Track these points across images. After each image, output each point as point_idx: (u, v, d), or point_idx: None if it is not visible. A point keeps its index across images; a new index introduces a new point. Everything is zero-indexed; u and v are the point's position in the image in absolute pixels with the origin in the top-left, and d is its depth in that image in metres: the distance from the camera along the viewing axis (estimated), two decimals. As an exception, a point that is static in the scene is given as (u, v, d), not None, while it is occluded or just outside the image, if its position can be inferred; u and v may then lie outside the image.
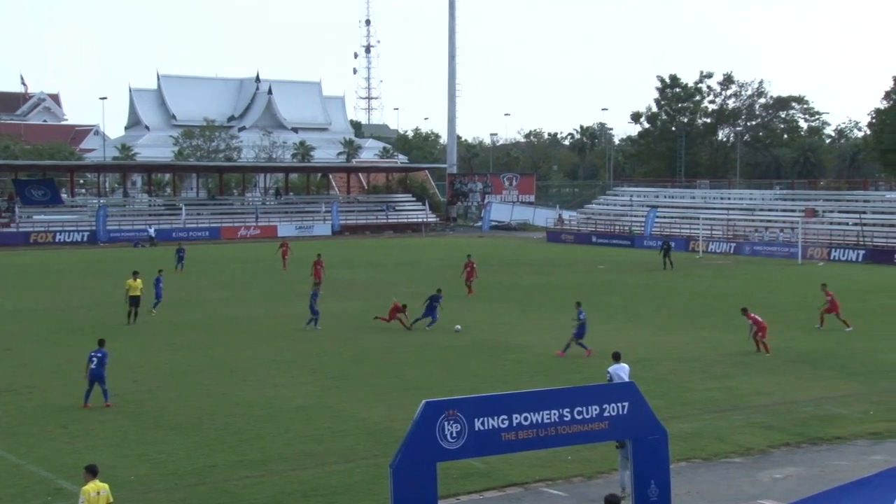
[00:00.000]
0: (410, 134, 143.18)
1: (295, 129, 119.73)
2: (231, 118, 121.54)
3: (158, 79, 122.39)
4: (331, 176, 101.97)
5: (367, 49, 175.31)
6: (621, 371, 18.15)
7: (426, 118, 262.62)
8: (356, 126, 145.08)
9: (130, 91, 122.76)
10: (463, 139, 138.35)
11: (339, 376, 23.49)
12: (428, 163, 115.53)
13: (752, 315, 26.54)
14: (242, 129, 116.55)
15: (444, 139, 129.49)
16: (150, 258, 52.59)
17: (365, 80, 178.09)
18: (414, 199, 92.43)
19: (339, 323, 31.96)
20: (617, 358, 18.56)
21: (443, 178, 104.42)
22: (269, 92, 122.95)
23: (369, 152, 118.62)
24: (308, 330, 30.16)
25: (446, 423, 11.64)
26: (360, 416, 19.54)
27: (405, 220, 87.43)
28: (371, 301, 37.27)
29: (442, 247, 69.54)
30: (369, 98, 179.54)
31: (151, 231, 71.48)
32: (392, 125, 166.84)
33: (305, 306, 31.55)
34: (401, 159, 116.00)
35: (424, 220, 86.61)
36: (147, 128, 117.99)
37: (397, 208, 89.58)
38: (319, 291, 32.22)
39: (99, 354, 20.06)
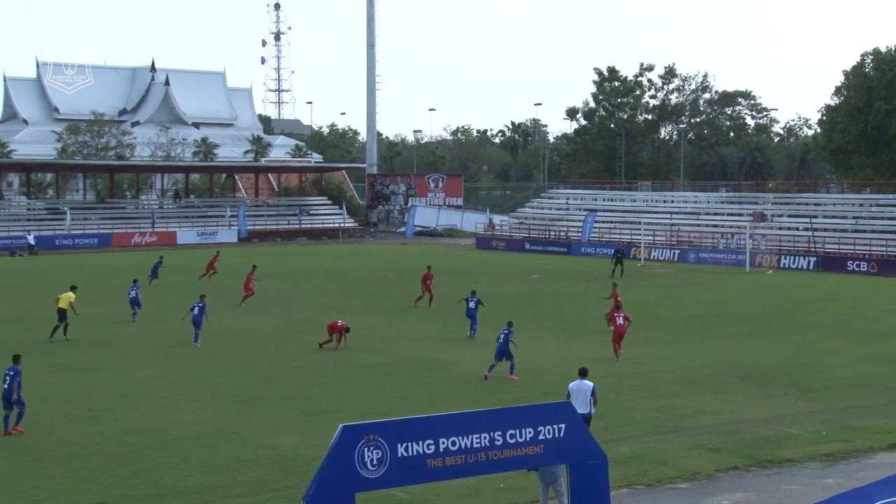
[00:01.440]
0: (326, 130, 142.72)
1: (196, 125, 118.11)
2: (123, 112, 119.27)
3: (38, 66, 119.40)
4: (237, 176, 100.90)
5: (277, 36, 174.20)
6: (581, 389, 18.25)
7: (343, 113, 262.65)
8: (265, 121, 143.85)
9: (5, 80, 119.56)
10: (384, 136, 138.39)
11: (245, 399, 23.20)
12: (345, 162, 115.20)
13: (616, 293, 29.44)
14: (136, 124, 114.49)
15: (363, 136, 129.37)
16: (28, 269, 51.36)
17: (274, 71, 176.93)
18: (330, 202, 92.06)
19: (246, 340, 31.62)
20: (583, 374, 18.70)
21: (362, 179, 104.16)
22: (167, 83, 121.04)
23: (280, 150, 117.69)
24: (195, 346, 30.25)
25: (366, 449, 11.58)
26: (270, 443, 19.32)
27: (320, 226, 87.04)
28: (282, 316, 37.00)
29: (362, 255, 69.35)
30: (279, 90, 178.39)
31: (31, 238, 69.79)
32: (305, 120, 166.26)
33: (212, 321, 31.17)
34: (315, 158, 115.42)
35: (342, 225, 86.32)
36: (25, 121, 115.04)
37: (311, 212, 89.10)
38: (206, 304, 31.36)
39: (11, 373, 19.86)
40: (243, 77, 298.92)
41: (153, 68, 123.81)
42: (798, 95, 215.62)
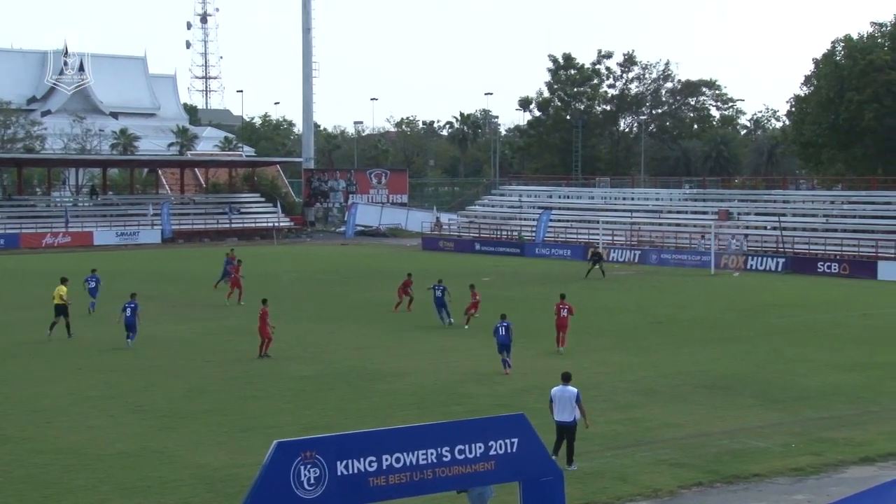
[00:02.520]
0: (258, 121, 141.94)
1: (114, 115, 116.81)
2: (32, 100, 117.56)
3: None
4: (160, 171, 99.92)
5: (203, 18, 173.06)
6: (565, 396, 18.53)
7: (277, 103, 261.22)
8: (191, 111, 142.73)
9: None
10: (322, 128, 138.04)
11: (169, 414, 23.01)
12: (279, 156, 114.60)
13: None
14: (47, 113, 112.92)
15: (298, 128, 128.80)
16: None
17: (201, 56, 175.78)
18: (263, 199, 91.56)
19: (170, 349, 31.36)
20: (566, 379, 18.90)
21: (298, 174, 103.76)
22: (81, 69, 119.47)
23: (208, 143, 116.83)
24: (129, 347, 30.82)
25: (302, 467, 11.55)
26: (197, 461, 19.18)
27: (252, 225, 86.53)
28: (209, 323, 36.74)
29: (298, 256, 69.03)
30: (207, 78, 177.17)
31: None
32: (236, 111, 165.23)
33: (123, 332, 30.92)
34: (247, 152, 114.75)
35: (276, 224, 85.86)
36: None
37: (243, 210, 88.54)
38: (138, 303, 31.91)
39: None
40: (166, 63, 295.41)
41: (66, 52, 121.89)
42: (766, 85, 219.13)
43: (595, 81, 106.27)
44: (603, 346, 31.79)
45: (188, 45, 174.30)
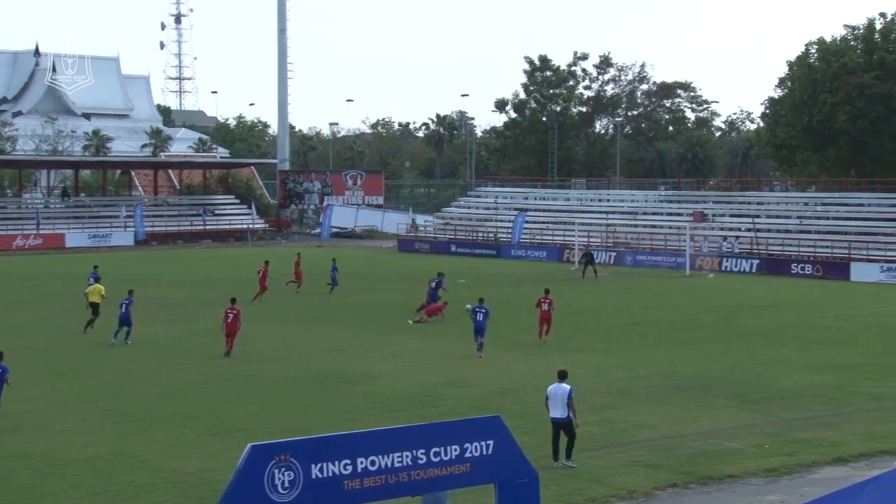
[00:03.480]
0: (233, 122, 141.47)
1: (87, 116, 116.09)
2: (3, 101, 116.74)
3: None
4: (133, 173, 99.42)
5: (177, 19, 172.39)
6: (558, 393, 18.86)
7: (252, 104, 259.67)
8: (165, 112, 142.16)
9: None
10: (297, 129, 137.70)
11: (143, 418, 22.91)
12: (254, 157, 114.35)
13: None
14: (18, 114, 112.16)
15: (273, 129, 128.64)
16: None
17: (175, 57, 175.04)
18: (238, 201, 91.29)
19: (144, 352, 31.22)
20: (561, 377, 19.20)
21: (273, 175, 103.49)
22: (53, 69, 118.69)
23: (182, 144, 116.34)
24: (114, 343, 31.53)
25: (276, 470, 11.53)
26: (170, 465, 19.11)
27: (227, 227, 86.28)
28: (183, 326, 36.61)
29: (274, 258, 68.68)
30: (181, 79, 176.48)
31: None
32: (210, 112, 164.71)
33: (104, 334, 30.75)
34: (221, 153, 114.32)
35: (251, 226, 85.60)
36: None
37: (217, 212, 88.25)
38: (133, 299, 33.04)
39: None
40: (140, 63, 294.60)
41: (37, 52, 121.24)
42: (740, 87, 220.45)
43: (571, 83, 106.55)
44: (578, 348, 31.89)
45: (162, 45, 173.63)
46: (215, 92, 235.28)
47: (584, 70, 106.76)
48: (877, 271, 53.88)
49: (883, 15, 77.74)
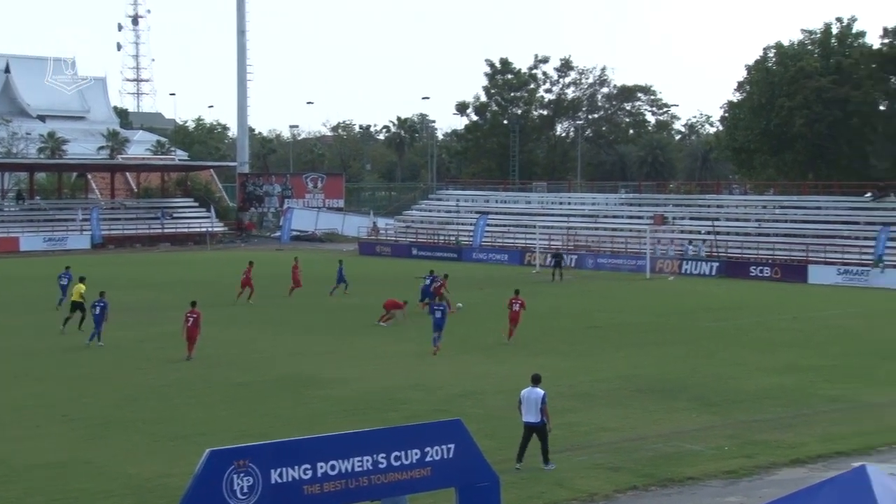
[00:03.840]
0: (191, 125, 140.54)
1: (42, 118, 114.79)
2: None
3: None
4: (90, 176, 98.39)
5: (135, 20, 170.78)
6: (532, 397, 18.91)
7: (211, 106, 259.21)
8: (122, 114, 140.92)
9: None
10: (257, 132, 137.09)
11: (100, 424, 22.71)
12: (213, 160, 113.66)
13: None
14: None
15: (233, 132, 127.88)
16: None
17: (132, 59, 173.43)
18: (196, 204, 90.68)
19: (102, 357, 30.95)
20: (535, 381, 19.24)
21: (232, 178, 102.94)
22: (7, 70, 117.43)
23: (139, 147, 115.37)
24: (89, 345, 31.93)
25: (235, 475, 11.48)
26: (127, 471, 18.96)
27: (186, 230, 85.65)
28: (142, 330, 36.33)
29: (233, 262, 68.40)
30: (138, 80, 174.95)
31: None
32: (168, 114, 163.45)
33: (57, 338, 30.44)
34: (180, 155, 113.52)
35: (210, 229, 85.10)
36: None
37: (176, 215, 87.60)
38: (107, 302, 33.13)
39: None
40: (97, 65, 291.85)
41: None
42: (700, 91, 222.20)
43: (532, 86, 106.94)
44: (539, 351, 31.98)
45: (119, 47, 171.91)
46: (174, 94, 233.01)
47: (544, 73, 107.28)
48: (834, 274, 54.52)
49: (839, 20, 78.85)
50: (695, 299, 46.98)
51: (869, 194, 63.33)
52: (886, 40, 75.00)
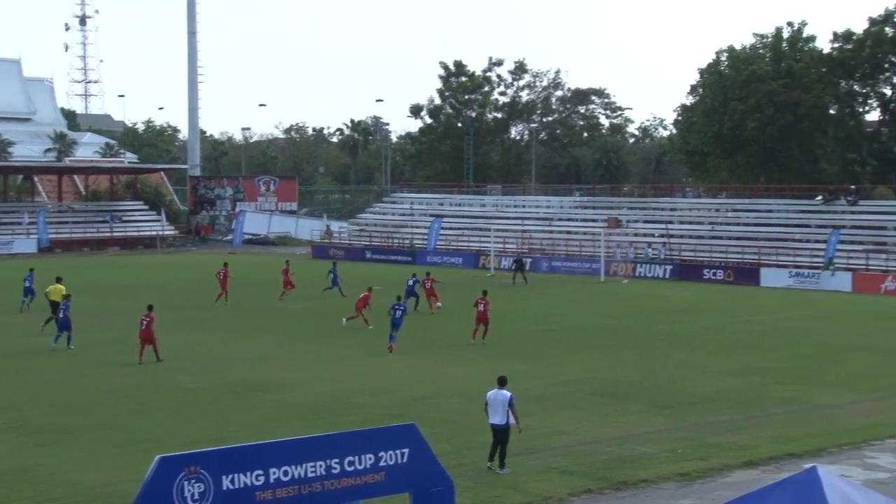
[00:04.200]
0: (141, 127, 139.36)
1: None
2: None
3: None
4: (36, 178, 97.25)
5: (82, 20, 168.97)
6: (498, 399, 18.95)
7: (161, 108, 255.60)
8: (70, 116, 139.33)
9: None
10: (208, 134, 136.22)
11: (46, 431, 22.43)
12: (164, 163, 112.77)
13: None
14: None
15: (183, 134, 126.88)
16: None
17: (80, 60, 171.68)
18: (146, 207, 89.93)
19: (50, 363, 30.58)
20: (501, 383, 19.31)
21: (183, 181, 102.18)
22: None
23: (87, 149, 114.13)
24: (55, 349, 32.04)
25: (186, 482, 11.38)
26: (75, 479, 18.73)
27: (136, 234, 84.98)
28: (90, 335, 35.90)
29: (184, 266, 67.98)
30: (86, 81, 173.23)
31: None
32: (117, 116, 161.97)
33: (12, 342, 30.08)
34: (129, 158, 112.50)
35: (160, 233, 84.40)
36: None
37: (125, 219, 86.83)
38: (69, 305, 33.31)
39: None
40: (43, 66, 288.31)
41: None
42: (653, 94, 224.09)
43: (486, 89, 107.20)
44: (494, 354, 32.04)
45: (66, 47, 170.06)
46: (123, 95, 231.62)
47: (499, 76, 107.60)
48: (786, 276, 55.19)
49: (790, 24, 79.85)
50: (649, 302, 47.32)
51: (820, 197, 64.19)
52: (836, 44, 76.08)
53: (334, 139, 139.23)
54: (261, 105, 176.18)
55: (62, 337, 32.78)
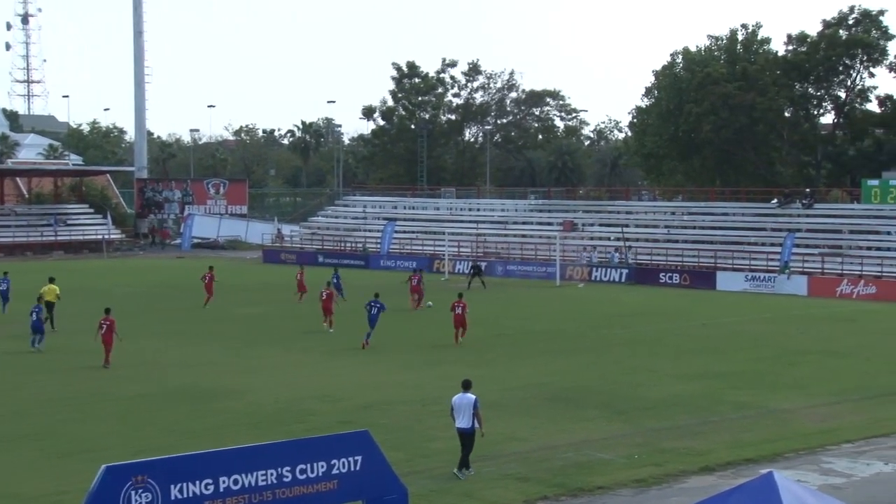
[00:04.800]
0: (86, 128, 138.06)
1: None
2: None
3: None
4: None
5: (25, 18, 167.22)
6: (463, 403, 18.98)
7: (107, 109, 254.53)
8: (12, 117, 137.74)
9: None
10: (156, 136, 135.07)
11: (-12, 441, 22.06)
12: (110, 165, 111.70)
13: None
14: None
15: (130, 135, 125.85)
16: None
17: (22, 59, 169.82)
18: (92, 210, 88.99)
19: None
20: (466, 387, 19.27)
21: (130, 184, 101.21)
22: None
23: (30, 150, 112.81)
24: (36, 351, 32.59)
25: (133, 492, 11.27)
26: (14, 490, 18.46)
27: (81, 238, 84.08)
28: (28, 342, 35.41)
29: (131, 270, 67.35)
30: (29, 81, 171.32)
31: None
32: (61, 117, 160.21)
33: None
34: (74, 160, 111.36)
35: (106, 236, 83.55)
36: None
37: (70, 222, 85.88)
38: (42, 307, 34.37)
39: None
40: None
41: None
42: (608, 96, 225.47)
43: (440, 90, 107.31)
44: (447, 360, 32.04)
45: (8, 46, 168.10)
46: (67, 96, 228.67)
47: (452, 77, 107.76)
48: (741, 280, 55.71)
49: (745, 26, 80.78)
50: (604, 306, 47.58)
51: (775, 200, 64.92)
52: (790, 47, 77.13)
53: (285, 141, 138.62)
54: (210, 106, 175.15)
55: (38, 338, 33.45)
